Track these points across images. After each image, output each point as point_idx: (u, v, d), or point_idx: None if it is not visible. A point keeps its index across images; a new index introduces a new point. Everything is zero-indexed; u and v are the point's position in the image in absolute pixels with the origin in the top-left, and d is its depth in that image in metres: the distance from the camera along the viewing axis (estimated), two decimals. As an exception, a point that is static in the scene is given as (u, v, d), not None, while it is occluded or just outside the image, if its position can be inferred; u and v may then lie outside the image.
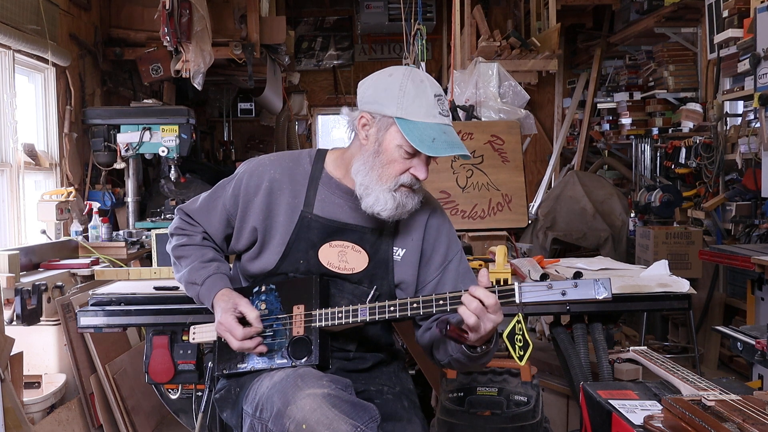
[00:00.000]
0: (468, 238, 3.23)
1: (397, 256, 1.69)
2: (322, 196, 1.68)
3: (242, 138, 7.77)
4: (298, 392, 1.44)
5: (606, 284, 1.40)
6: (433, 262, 1.71)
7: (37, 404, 2.92)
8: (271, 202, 1.69)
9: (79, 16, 4.72)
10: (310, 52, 7.90)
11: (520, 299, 1.42)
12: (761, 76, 3.61)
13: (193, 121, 4.57)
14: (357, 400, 1.46)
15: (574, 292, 1.40)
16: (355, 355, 1.71)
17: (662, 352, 4.11)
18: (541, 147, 7.50)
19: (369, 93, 1.60)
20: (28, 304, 2.95)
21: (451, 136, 1.55)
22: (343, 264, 1.67)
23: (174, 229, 1.82)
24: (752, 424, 1.29)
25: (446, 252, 1.72)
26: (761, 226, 4.04)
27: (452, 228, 1.78)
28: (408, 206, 1.61)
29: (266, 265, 1.69)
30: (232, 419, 1.67)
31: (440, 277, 1.71)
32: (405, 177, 1.58)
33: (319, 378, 1.49)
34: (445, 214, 1.79)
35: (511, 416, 2.09)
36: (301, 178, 1.70)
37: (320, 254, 1.66)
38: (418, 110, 1.54)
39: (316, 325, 1.59)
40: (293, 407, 1.41)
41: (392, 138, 1.56)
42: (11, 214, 3.80)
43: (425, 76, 1.59)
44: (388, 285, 1.69)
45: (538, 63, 4.41)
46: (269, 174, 1.70)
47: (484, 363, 1.63)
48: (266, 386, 1.53)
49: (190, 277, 1.73)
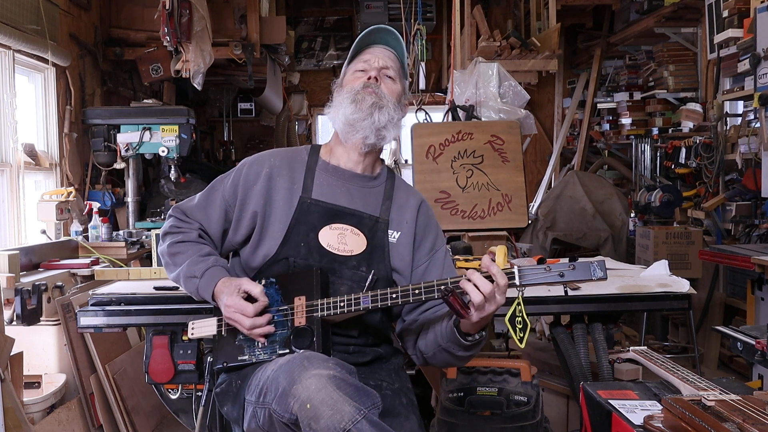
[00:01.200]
0: (468, 238, 3.23)
1: (392, 238, 1.76)
2: (320, 180, 1.77)
3: (242, 138, 7.77)
4: (304, 372, 1.45)
5: (602, 266, 1.45)
6: (424, 247, 1.79)
7: (37, 404, 2.92)
8: (270, 187, 1.75)
9: (79, 16, 4.72)
10: (310, 52, 7.90)
11: (520, 281, 1.48)
12: (761, 76, 3.61)
13: (193, 121, 4.57)
14: (361, 385, 1.46)
15: (571, 274, 1.45)
16: (354, 348, 1.73)
17: (662, 352, 4.11)
18: (541, 147, 7.50)
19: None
20: (28, 304, 2.95)
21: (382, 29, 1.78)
22: (342, 246, 1.72)
23: (168, 228, 1.81)
24: (752, 424, 1.29)
25: (434, 241, 1.81)
26: (761, 226, 4.04)
27: (438, 225, 1.89)
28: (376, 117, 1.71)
29: (268, 251, 1.72)
30: (232, 413, 1.67)
31: (428, 264, 1.78)
32: (359, 83, 1.75)
33: (325, 360, 1.51)
34: (432, 210, 1.90)
35: (511, 416, 2.09)
36: (299, 166, 1.79)
37: (320, 236, 1.71)
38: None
39: (317, 314, 1.60)
40: (298, 386, 1.42)
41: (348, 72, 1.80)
42: (11, 214, 3.80)
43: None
44: (385, 269, 1.73)
45: (538, 63, 4.41)
46: (269, 162, 1.79)
47: (471, 356, 1.69)
48: (271, 369, 1.54)
49: (188, 271, 1.72)
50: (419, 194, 1.87)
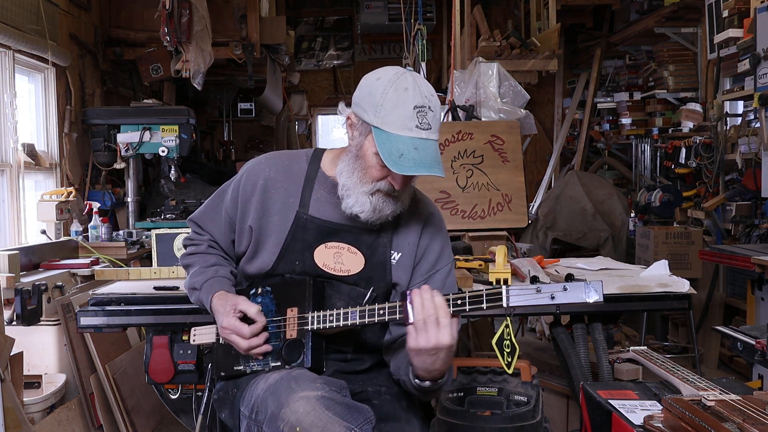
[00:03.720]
0: (468, 238, 3.23)
1: (393, 259, 1.68)
2: (318, 195, 1.68)
3: (242, 138, 7.77)
4: (292, 395, 1.43)
5: (597, 287, 1.34)
6: (421, 268, 1.71)
7: (37, 404, 2.92)
8: (266, 201, 1.69)
9: (79, 16, 4.72)
10: (310, 52, 7.90)
11: (508, 303, 1.37)
12: (761, 76, 3.61)
13: (193, 121, 4.57)
14: (351, 402, 1.45)
15: (563, 296, 1.34)
16: (353, 356, 1.70)
17: (662, 352, 4.11)
18: (541, 147, 7.50)
19: (358, 93, 1.59)
20: (28, 304, 2.94)
21: (423, 153, 1.50)
22: (339, 266, 1.66)
23: (185, 240, 1.85)
24: (752, 424, 1.29)
25: (435, 262, 1.71)
26: (761, 226, 4.04)
27: (447, 241, 1.76)
28: (386, 211, 1.60)
29: (263, 266, 1.68)
30: (230, 420, 1.67)
31: (425, 283, 1.67)
32: (382, 183, 1.57)
33: (313, 380, 1.49)
34: (442, 223, 1.77)
35: (511, 416, 2.09)
36: (297, 177, 1.70)
37: (315, 256, 1.65)
38: (393, 121, 1.50)
39: (308, 327, 1.57)
40: (287, 410, 1.40)
41: (370, 145, 1.54)
42: (11, 214, 3.80)
43: (413, 84, 1.52)
44: (386, 287, 1.68)
45: (538, 63, 4.41)
46: (264, 173, 1.71)
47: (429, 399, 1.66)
48: (261, 388, 1.52)
49: (191, 283, 1.75)
50: (428, 208, 1.75)
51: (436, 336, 1.41)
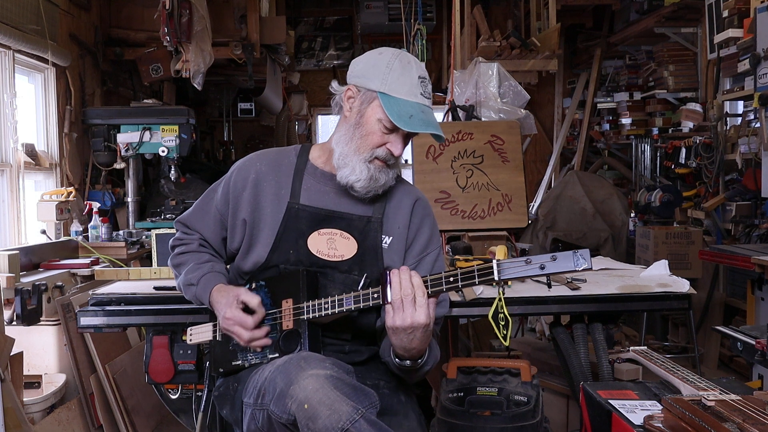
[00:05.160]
0: (468, 238, 3.23)
1: (385, 244, 1.72)
2: (308, 185, 1.73)
3: (242, 138, 7.77)
4: (302, 372, 1.44)
5: (585, 255, 1.36)
6: (413, 250, 1.76)
7: (37, 404, 2.92)
8: (258, 194, 1.73)
9: (79, 16, 4.72)
10: (310, 52, 7.90)
11: (499, 276, 1.40)
12: (761, 76, 3.61)
13: (193, 121, 4.57)
14: (359, 385, 1.46)
15: (553, 266, 1.37)
16: (350, 348, 1.72)
17: (662, 352, 4.11)
18: (541, 147, 7.50)
19: (358, 68, 1.68)
20: (28, 304, 2.95)
21: (429, 116, 1.62)
22: (333, 251, 1.69)
23: (174, 241, 1.86)
24: (752, 424, 1.29)
25: (426, 244, 1.77)
26: (761, 226, 4.04)
27: (435, 224, 1.83)
28: (381, 180, 1.66)
29: (258, 259, 1.71)
30: (231, 416, 1.67)
31: (416, 267, 1.73)
32: (381, 150, 1.64)
33: (322, 360, 1.50)
34: (429, 208, 1.84)
35: (511, 416, 2.09)
36: (287, 169, 1.75)
37: (309, 243, 1.69)
38: (401, 87, 1.61)
39: (304, 317, 1.59)
40: (296, 387, 1.41)
41: (373, 111, 1.63)
42: (11, 214, 3.80)
43: (413, 59, 1.66)
44: (379, 271, 1.71)
45: (538, 63, 4.41)
46: (255, 167, 1.76)
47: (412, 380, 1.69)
48: (268, 371, 1.53)
49: (186, 279, 1.76)
50: (415, 192, 1.82)
51: (411, 315, 1.45)
